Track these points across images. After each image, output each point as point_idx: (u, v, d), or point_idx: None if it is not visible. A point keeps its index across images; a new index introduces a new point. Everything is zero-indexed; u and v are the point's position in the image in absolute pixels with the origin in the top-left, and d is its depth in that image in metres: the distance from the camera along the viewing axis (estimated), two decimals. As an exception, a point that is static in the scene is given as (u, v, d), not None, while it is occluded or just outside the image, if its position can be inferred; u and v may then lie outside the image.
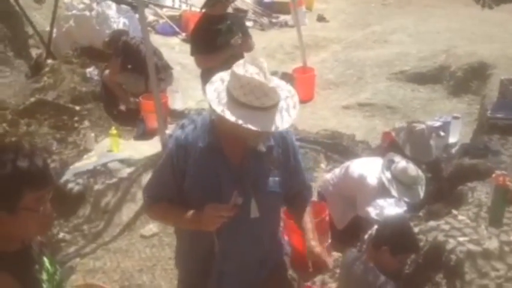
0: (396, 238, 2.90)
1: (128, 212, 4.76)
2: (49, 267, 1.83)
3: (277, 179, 2.34)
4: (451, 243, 3.40)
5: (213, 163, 2.25)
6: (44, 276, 1.78)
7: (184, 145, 2.24)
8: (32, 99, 6.42)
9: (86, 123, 6.42)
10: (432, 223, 3.75)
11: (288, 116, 2.13)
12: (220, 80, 2.20)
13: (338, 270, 3.86)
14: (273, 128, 2.09)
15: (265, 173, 2.31)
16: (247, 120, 2.03)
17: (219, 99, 2.11)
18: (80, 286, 3.75)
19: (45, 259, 1.83)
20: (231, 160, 2.27)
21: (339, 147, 5.71)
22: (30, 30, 8.33)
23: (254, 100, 2.04)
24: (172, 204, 2.32)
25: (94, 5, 7.92)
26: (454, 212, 3.83)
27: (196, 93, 8.08)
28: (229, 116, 2.05)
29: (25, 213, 1.64)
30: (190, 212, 2.25)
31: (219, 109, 2.09)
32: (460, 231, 3.48)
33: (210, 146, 2.24)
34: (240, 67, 2.08)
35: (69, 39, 7.89)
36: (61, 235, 4.59)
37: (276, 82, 2.16)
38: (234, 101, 2.08)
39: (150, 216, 2.68)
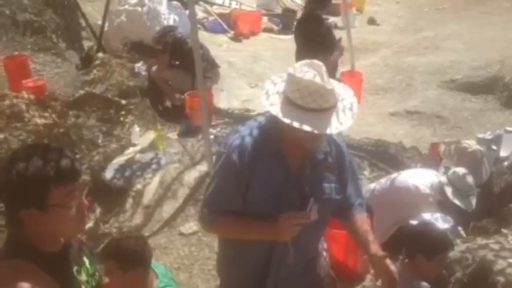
0: (425, 241, 2.83)
1: (168, 208, 4.77)
2: (89, 267, 1.82)
3: (333, 185, 2.29)
4: (500, 264, 3.27)
5: (275, 172, 2.20)
6: (84, 277, 1.76)
7: (247, 155, 2.17)
8: (82, 92, 6.53)
9: (131, 117, 6.48)
10: (480, 241, 3.62)
11: (345, 117, 2.07)
12: (272, 83, 2.16)
13: (379, 283, 3.77)
14: (329, 130, 2.04)
15: (321, 180, 2.26)
16: (303, 122, 1.99)
17: (270, 102, 2.08)
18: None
19: (85, 259, 1.82)
20: (290, 168, 2.22)
21: (385, 155, 5.58)
22: (83, 23, 8.50)
23: (311, 102, 1.99)
24: (238, 216, 2.25)
25: (146, 0, 8.02)
26: (505, 231, 3.68)
27: (242, 92, 8.10)
28: (285, 119, 2.01)
29: (56, 210, 1.62)
30: (263, 223, 2.19)
31: (274, 111, 2.05)
32: (511, 252, 3.34)
33: (273, 154, 2.19)
34: (297, 69, 2.03)
35: (120, 34, 8.02)
36: (102, 229, 4.63)
37: (334, 85, 2.09)
38: (289, 104, 2.03)
39: (211, 231, 2.56)
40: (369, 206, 2.64)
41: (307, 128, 1.98)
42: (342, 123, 2.05)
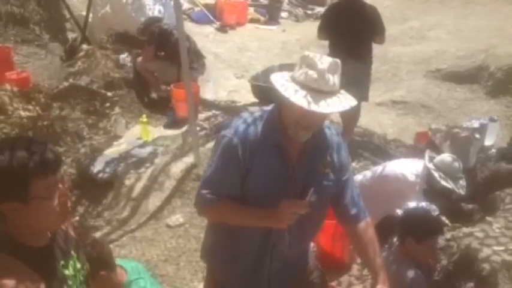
0: (416, 225, 2.85)
1: (154, 200, 4.75)
2: (76, 262, 1.80)
3: (330, 183, 2.30)
4: (485, 251, 3.30)
5: (275, 161, 2.21)
6: (70, 272, 1.75)
7: (249, 141, 2.18)
8: (66, 84, 6.48)
9: (117, 109, 6.45)
10: (465, 229, 3.65)
11: (342, 104, 2.08)
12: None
13: (365, 272, 3.80)
14: (327, 110, 2.04)
15: (317, 174, 2.27)
16: (303, 99, 2.02)
17: (282, 84, 2.11)
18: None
19: (73, 253, 1.80)
20: (289, 160, 2.23)
21: (370, 146, 5.60)
22: (67, 14, 8.40)
23: (312, 81, 2.03)
24: (235, 201, 2.25)
25: (130, -9, 7.94)
26: (489, 219, 3.71)
27: (228, 83, 8.08)
28: (288, 93, 2.04)
29: (38, 202, 1.60)
30: (261, 209, 2.20)
31: (281, 88, 2.07)
32: (496, 239, 3.37)
33: (273, 145, 2.20)
34: (317, 55, 2.10)
35: (105, 25, 7.94)
36: (90, 222, 4.61)
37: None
38: (293, 81, 2.08)
39: (206, 215, 2.48)
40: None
41: (303, 105, 2.00)
42: (342, 105, 2.07)
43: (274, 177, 2.21)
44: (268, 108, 2.30)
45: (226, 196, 2.26)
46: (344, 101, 2.08)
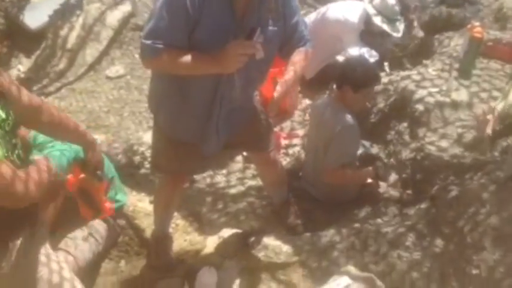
0: (354, 73, 2.87)
1: (92, 51, 4.57)
2: (1, 112, 1.73)
3: (276, 29, 2.25)
4: (420, 93, 3.42)
5: (222, 13, 2.13)
6: None
7: None
8: None
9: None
10: (403, 73, 3.74)
11: None
12: None
13: (307, 117, 3.91)
14: None
15: (266, 24, 2.21)
16: None
17: None
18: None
19: None
20: (236, 10, 2.15)
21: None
22: None
23: None
24: (182, 50, 2.16)
25: None
26: (426, 62, 3.80)
27: None
28: None
29: None
30: (209, 55, 2.13)
31: None
32: (431, 81, 3.48)
33: None
34: None
35: None
36: (21, 71, 4.42)
37: None
38: None
39: (152, 65, 2.35)
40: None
41: None
42: None
43: (223, 28, 2.14)
44: None
45: (174, 47, 2.16)
46: None
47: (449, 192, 2.56)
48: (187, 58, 2.16)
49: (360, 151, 3.18)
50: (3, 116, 1.73)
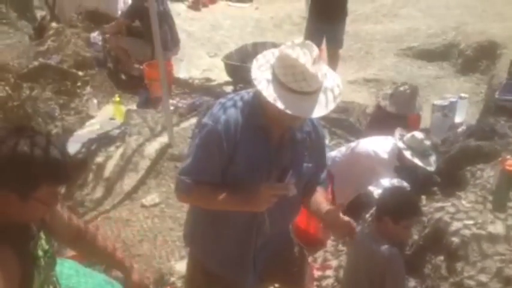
0: (394, 205, 2.87)
1: (129, 181, 4.73)
2: (44, 243, 1.79)
3: (310, 165, 2.33)
4: (455, 225, 3.38)
5: (257, 146, 2.21)
6: (40, 253, 1.75)
7: (233, 128, 2.16)
8: (36, 63, 6.35)
9: (89, 89, 6.36)
10: (437, 204, 3.72)
11: (327, 102, 2.06)
12: (272, 53, 2.14)
13: (339, 247, 3.87)
14: (311, 115, 2.04)
15: (299, 158, 2.29)
16: (286, 103, 1.99)
17: (261, 74, 2.07)
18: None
19: (42, 235, 1.80)
20: (271, 143, 2.23)
21: (344, 123, 5.65)
22: (33, -9, 8.19)
23: (293, 82, 1.99)
24: (215, 186, 2.24)
25: (100, -33, 7.75)
26: (460, 194, 3.79)
27: (201, 62, 8.02)
28: (269, 97, 2.01)
29: (35, 204, 1.61)
30: (241, 194, 2.19)
31: (261, 86, 2.04)
32: (466, 214, 3.45)
33: (256, 129, 2.19)
34: (289, 47, 2.02)
35: (74, 2, 7.75)
36: (63, 203, 4.57)
37: (323, 69, 2.08)
38: (275, 80, 2.03)
39: (186, 200, 2.48)
40: (328, 171, 2.66)
41: (289, 111, 1.98)
42: (326, 107, 2.05)
43: (257, 161, 2.20)
44: (244, 92, 2.27)
45: (207, 183, 2.24)
46: (328, 100, 2.06)
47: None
48: (220, 196, 2.22)
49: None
50: (45, 247, 1.79)
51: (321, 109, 2.04)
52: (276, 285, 2.97)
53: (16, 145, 1.57)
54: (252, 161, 2.19)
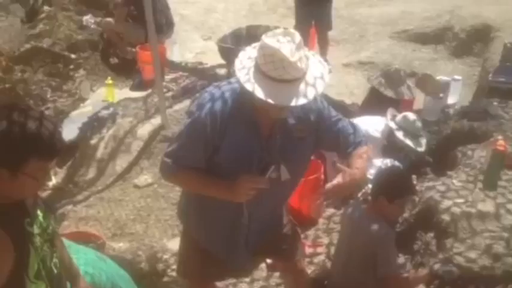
0: (389, 184, 2.89)
1: (121, 162, 4.72)
2: (42, 221, 1.80)
3: (306, 146, 2.31)
4: (445, 203, 3.42)
5: (247, 136, 2.19)
6: (36, 230, 1.75)
7: (219, 119, 2.13)
8: (28, 46, 6.32)
9: (82, 71, 6.33)
10: (428, 183, 3.75)
11: (304, 96, 2.00)
12: (253, 47, 2.12)
13: (331, 225, 3.90)
14: (290, 102, 1.99)
15: (293, 142, 2.25)
16: (268, 93, 1.96)
17: (243, 66, 2.06)
18: (71, 233, 3.76)
19: (39, 212, 1.80)
20: (261, 134, 2.21)
21: (338, 109, 5.64)
22: (26, -26, 8.10)
23: (272, 71, 1.97)
24: (199, 171, 2.25)
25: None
26: (451, 173, 3.82)
27: (195, 45, 7.99)
28: (249, 86, 1.99)
29: (25, 178, 1.61)
30: (222, 182, 2.20)
31: (243, 79, 2.03)
32: (457, 192, 3.48)
33: (245, 120, 2.16)
34: (270, 36, 1.99)
35: (66, -15, 7.68)
36: (53, 182, 4.57)
37: (309, 58, 2.05)
38: (256, 70, 2.01)
39: (170, 180, 2.53)
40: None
41: (270, 100, 1.96)
42: (305, 96, 2.00)
43: (246, 152, 2.19)
44: (234, 80, 2.22)
45: (190, 167, 2.26)
46: (308, 89, 2.01)
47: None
48: (202, 181, 2.26)
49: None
50: (44, 224, 1.80)
51: (301, 97, 1.99)
52: (268, 260, 3.01)
53: (9, 118, 1.57)
54: (239, 150, 2.18)
